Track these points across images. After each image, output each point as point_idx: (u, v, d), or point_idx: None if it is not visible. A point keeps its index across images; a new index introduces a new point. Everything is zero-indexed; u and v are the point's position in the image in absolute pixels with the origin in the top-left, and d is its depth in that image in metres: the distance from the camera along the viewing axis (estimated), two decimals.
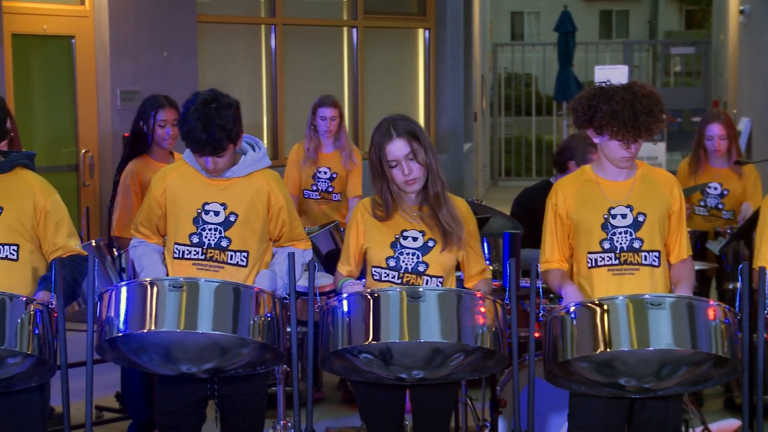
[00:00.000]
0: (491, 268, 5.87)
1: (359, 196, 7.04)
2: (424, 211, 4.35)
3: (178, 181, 4.49)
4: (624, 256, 4.30)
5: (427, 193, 4.34)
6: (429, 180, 4.33)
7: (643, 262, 4.30)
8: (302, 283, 4.62)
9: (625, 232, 4.31)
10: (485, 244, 5.68)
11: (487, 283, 4.47)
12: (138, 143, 5.91)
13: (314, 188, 7.15)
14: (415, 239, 4.33)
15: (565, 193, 4.42)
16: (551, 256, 4.43)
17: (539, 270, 4.42)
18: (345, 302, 4.16)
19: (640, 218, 4.31)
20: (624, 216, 4.32)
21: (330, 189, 7.12)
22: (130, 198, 5.79)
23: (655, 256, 4.31)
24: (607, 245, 4.31)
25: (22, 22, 8.73)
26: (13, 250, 4.22)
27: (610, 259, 4.30)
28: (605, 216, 4.32)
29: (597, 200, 4.36)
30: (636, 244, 4.30)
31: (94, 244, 5.58)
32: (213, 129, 4.28)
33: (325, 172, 7.13)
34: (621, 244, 4.30)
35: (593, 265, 4.32)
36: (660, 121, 4.26)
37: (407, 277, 4.31)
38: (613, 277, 4.30)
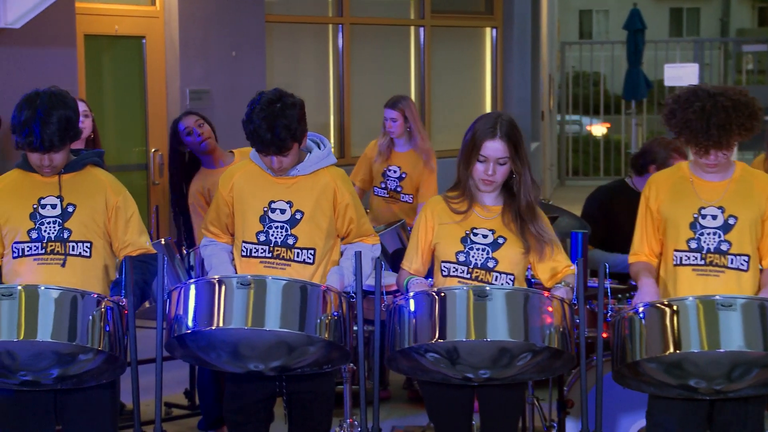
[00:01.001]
0: None
1: None
2: (506, 215, 4.32)
3: (244, 180, 4.53)
4: (710, 257, 4.24)
5: (517, 201, 4.31)
6: (522, 190, 4.30)
7: (730, 265, 4.24)
8: (369, 282, 4.62)
9: (714, 234, 4.25)
10: None
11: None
12: (185, 165, 6.00)
13: (383, 186, 7.16)
14: (485, 236, 4.31)
15: (658, 188, 4.38)
16: (640, 248, 4.41)
17: (627, 261, 4.41)
18: (411, 301, 4.16)
19: (731, 221, 4.24)
20: (714, 217, 4.26)
21: (398, 189, 7.12)
22: (198, 214, 5.89)
23: (744, 260, 4.24)
24: (693, 245, 4.26)
25: (94, 22, 8.84)
26: (86, 247, 4.28)
27: (696, 258, 4.25)
28: (695, 215, 4.27)
29: (689, 198, 4.30)
30: (723, 247, 4.24)
31: (163, 242, 5.65)
32: (277, 129, 4.30)
33: (395, 171, 7.13)
34: (708, 245, 4.24)
35: (678, 262, 4.28)
36: (737, 135, 4.16)
37: (476, 272, 4.29)
38: (697, 278, 4.25)
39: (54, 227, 4.25)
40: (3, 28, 6.95)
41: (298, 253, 4.44)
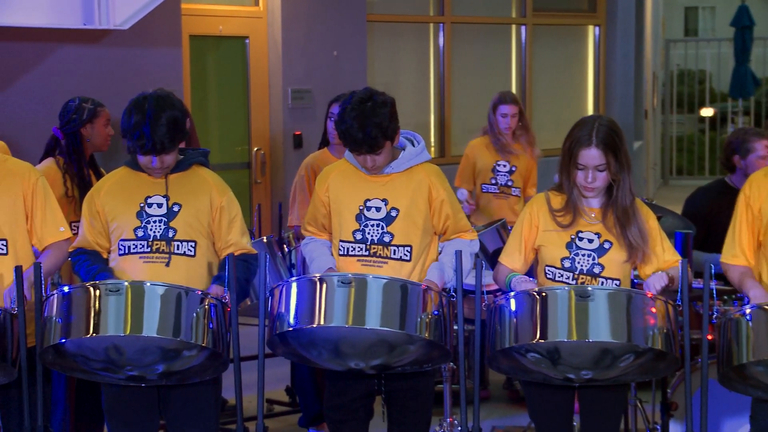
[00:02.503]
0: None
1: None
2: (609, 219, 4.27)
3: (339, 180, 4.55)
4: None
5: (616, 205, 4.26)
6: (620, 194, 4.25)
7: None
8: (469, 280, 4.61)
9: None
10: None
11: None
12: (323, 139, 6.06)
13: (493, 182, 7.14)
14: (590, 241, 4.26)
15: (759, 186, 4.25)
16: (736, 250, 4.28)
17: (722, 263, 4.30)
18: (512, 301, 4.13)
19: None
20: None
21: (509, 183, 7.10)
22: (304, 189, 5.91)
23: None
24: None
25: (198, 23, 8.97)
26: (191, 246, 4.34)
27: None
28: None
29: None
30: None
31: (265, 240, 5.70)
32: (369, 127, 4.31)
33: (504, 166, 7.11)
34: None
35: None
36: None
37: (582, 278, 4.25)
38: None
39: (160, 226, 4.32)
40: (111, 29, 7.08)
41: (394, 250, 4.44)
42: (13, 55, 8.00)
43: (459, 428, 5.02)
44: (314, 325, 4.16)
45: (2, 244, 4.35)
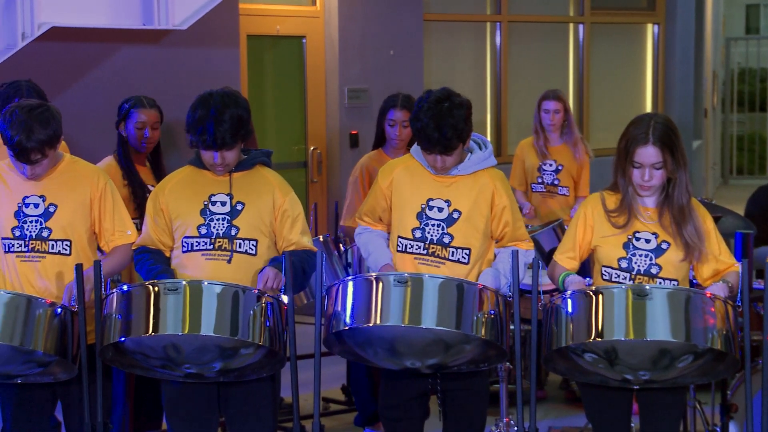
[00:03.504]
0: None
1: (585, 196, 6.96)
2: (665, 218, 4.24)
3: (404, 175, 4.55)
4: None
5: (671, 203, 4.22)
6: (676, 193, 4.21)
7: None
8: (525, 281, 4.59)
9: None
10: None
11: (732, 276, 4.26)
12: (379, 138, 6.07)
13: (540, 181, 7.12)
14: (648, 241, 4.23)
15: None
16: None
17: None
18: (569, 300, 4.12)
19: None
20: None
21: (556, 182, 7.07)
22: (358, 190, 5.91)
23: None
24: None
25: (256, 23, 9.02)
26: (252, 245, 4.37)
27: None
28: None
29: None
30: None
31: (321, 239, 5.71)
32: (445, 128, 4.31)
33: (551, 165, 7.09)
34: None
35: None
36: None
37: (639, 279, 4.21)
38: None
39: (223, 224, 4.35)
40: (170, 29, 7.15)
41: (453, 252, 4.44)
42: (73, 55, 8.10)
43: (515, 428, 5.01)
44: (370, 325, 4.17)
45: (66, 245, 4.41)
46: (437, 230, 4.45)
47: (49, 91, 6.22)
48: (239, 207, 4.37)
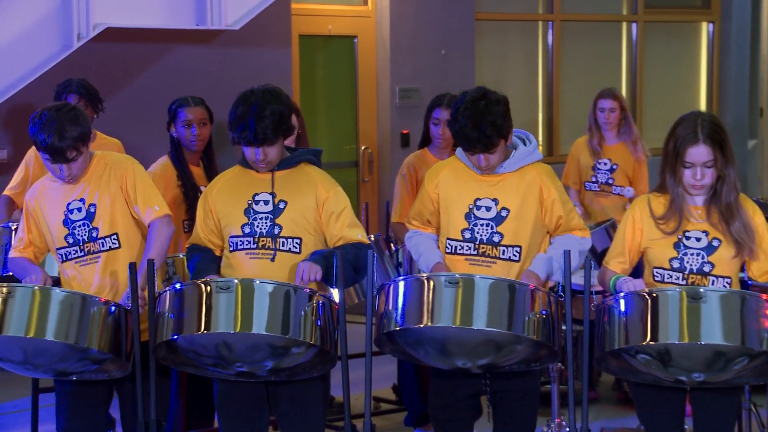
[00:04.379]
0: None
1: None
2: (713, 216, 4.21)
3: (450, 177, 4.54)
4: None
5: (719, 200, 4.19)
6: (724, 190, 4.18)
7: None
8: (577, 279, 4.57)
9: None
10: None
11: None
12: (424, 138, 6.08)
13: (594, 180, 7.09)
14: (698, 239, 4.20)
15: None
16: None
17: None
18: (622, 301, 4.09)
19: None
20: None
21: (610, 181, 7.03)
22: (405, 188, 5.94)
23: None
24: None
25: (308, 23, 9.06)
26: (296, 243, 4.38)
27: None
28: None
29: None
30: None
31: (372, 239, 5.72)
32: (483, 126, 4.30)
33: (606, 164, 7.05)
34: None
35: None
36: None
37: (692, 278, 4.18)
38: None
39: (266, 223, 4.37)
40: (222, 29, 7.20)
41: (503, 250, 4.43)
42: (128, 55, 8.18)
43: (567, 429, 4.99)
44: (421, 325, 4.17)
45: (114, 239, 4.47)
46: (486, 230, 4.44)
47: (102, 91, 6.29)
48: (282, 205, 4.39)
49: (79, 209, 4.47)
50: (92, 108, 6.08)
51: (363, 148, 9.41)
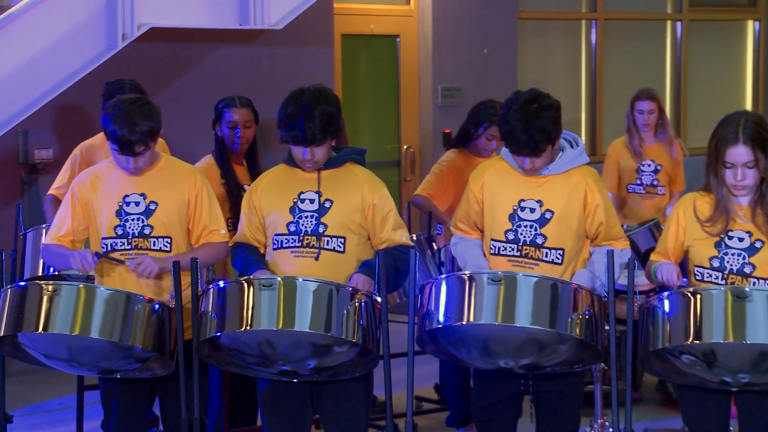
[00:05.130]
0: None
1: (682, 191, 6.89)
2: (758, 217, 4.17)
3: (495, 178, 4.53)
4: None
5: (764, 201, 4.15)
6: (766, 189, 4.15)
7: None
8: (621, 282, 4.54)
9: None
10: None
11: None
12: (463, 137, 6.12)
13: (638, 182, 7.05)
14: (741, 239, 4.17)
15: None
16: None
17: None
18: (666, 301, 4.07)
19: None
20: None
21: (655, 182, 6.99)
22: (442, 175, 6.03)
23: None
24: None
25: (350, 22, 9.08)
26: (341, 242, 4.39)
27: None
28: None
29: None
30: None
31: (414, 238, 5.72)
32: (532, 130, 4.28)
33: (649, 165, 7.01)
34: None
35: None
36: None
37: (732, 278, 4.15)
38: None
39: (311, 221, 4.39)
40: (265, 29, 7.23)
41: (546, 252, 4.40)
42: (171, 55, 8.23)
43: (610, 430, 4.96)
44: (463, 323, 4.17)
45: (167, 242, 4.48)
46: (530, 231, 4.42)
47: (146, 90, 6.32)
48: (327, 204, 4.40)
49: (138, 203, 4.48)
50: None
51: (405, 147, 9.41)
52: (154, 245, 4.46)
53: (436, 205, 6.11)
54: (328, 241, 4.37)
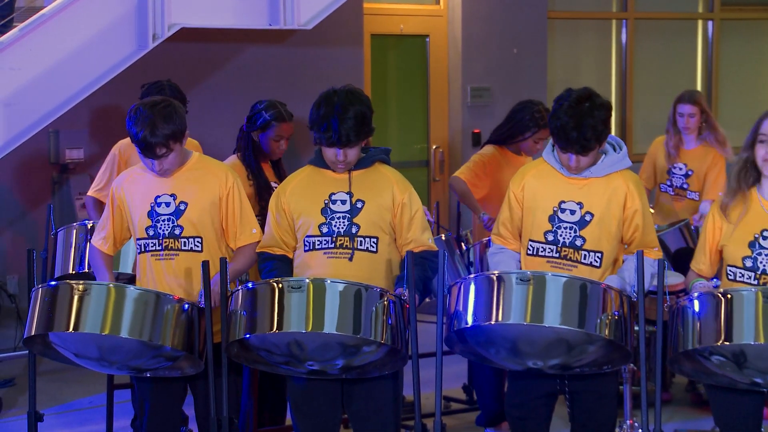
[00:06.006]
0: None
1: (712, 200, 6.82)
2: None
3: (536, 179, 4.50)
4: None
5: None
6: None
7: None
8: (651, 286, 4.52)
9: None
10: None
11: None
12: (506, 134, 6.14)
13: (669, 183, 7.01)
14: None
15: None
16: None
17: None
18: (696, 302, 4.05)
19: None
20: None
21: (685, 186, 6.95)
22: (483, 165, 6.06)
23: None
24: None
25: (380, 22, 9.09)
26: (373, 242, 4.40)
27: None
28: None
29: None
30: None
31: (444, 238, 5.72)
32: (584, 128, 4.27)
33: (681, 168, 6.97)
34: None
35: None
36: None
37: (764, 278, 4.13)
38: None
39: (343, 222, 4.39)
40: (295, 29, 7.24)
41: (585, 255, 4.38)
42: (201, 54, 8.26)
43: (640, 430, 4.94)
44: (492, 323, 4.16)
45: (198, 242, 4.50)
46: (569, 233, 4.40)
47: None
48: (359, 205, 4.40)
49: (168, 204, 4.51)
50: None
51: (434, 147, 9.41)
52: (184, 245, 4.49)
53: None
54: (361, 241, 4.38)
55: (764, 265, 4.14)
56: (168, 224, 4.49)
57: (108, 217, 4.62)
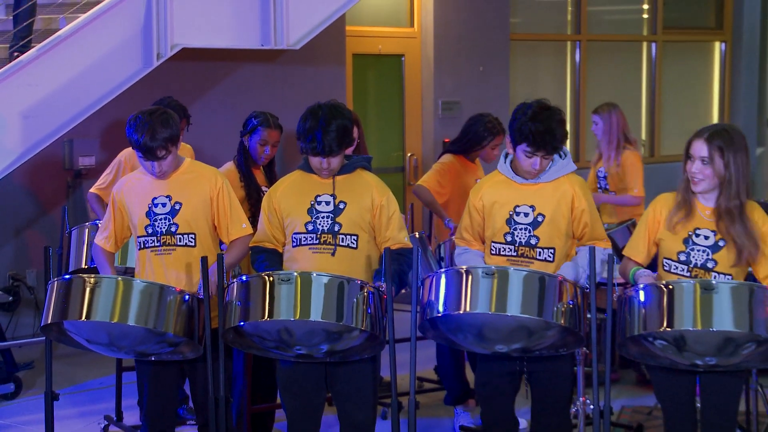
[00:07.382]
0: None
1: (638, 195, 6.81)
2: (721, 219, 4.17)
3: (492, 189, 4.51)
4: None
5: (722, 204, 4.15)
6: (723, 194, 4.14)
7: None
8: (602, 275, 4.53)
9: None
10: None
11: None
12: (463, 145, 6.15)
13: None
14: (706, 237, 4.16)
15: None
16: None
17: None
18: (641, 292, 4.07)
19: None
20: None
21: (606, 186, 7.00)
22: (443, 178, 6.06)
23: None
24: None
25: (361, 43, 9.08)
26: (354, 239, 4.40)
27: None
28: None
29: None
30: None
31: (417, 236, 5.73)
32: (554, 132, 4.32)
33: (601, 171, 7.03)
34: None
35: None
36: None
37: (695, 271, 4.15)
38: None
39: (327, 221, 4.39)
40: (284, 49, 7.24)
41: (540, 251, 4.40)
42: (199, 72, 8.24)
43: (591, 407, 4.95)
44: (460, 312, 4.16)
45: (191, 238, 4.50)
46: (525, 233, 4.42)
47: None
48: (342, 206, 4.41)
49: (164, 204, 4.50)
50: (186, 121, 6.14)
51: (409, 155, 9.41)
52: (180, 241, 4.49)
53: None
54: (343, 238, 4.38)
55: (695, 260, 4.16)
56: (165, 222, 4.48)
57: (110, 218, 4.62)
